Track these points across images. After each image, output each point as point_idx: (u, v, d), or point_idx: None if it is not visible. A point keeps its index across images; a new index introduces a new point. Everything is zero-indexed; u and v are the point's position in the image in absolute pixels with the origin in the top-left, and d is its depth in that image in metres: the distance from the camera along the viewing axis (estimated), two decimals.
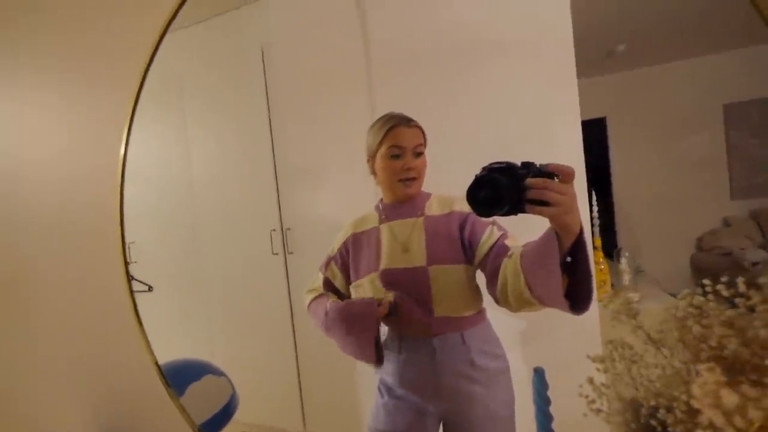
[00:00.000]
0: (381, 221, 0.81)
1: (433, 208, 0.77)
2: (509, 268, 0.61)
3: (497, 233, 0.69)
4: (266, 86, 1.10)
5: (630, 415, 0.32)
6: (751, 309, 0.29)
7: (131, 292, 0.64)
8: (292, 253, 1.14)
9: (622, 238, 1.12)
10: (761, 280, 0.28)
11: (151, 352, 0.62)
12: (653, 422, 0.31)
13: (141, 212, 1.04)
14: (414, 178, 0.76)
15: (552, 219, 0.49)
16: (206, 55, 1.15)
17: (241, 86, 1.17)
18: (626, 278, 0.98)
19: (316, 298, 0.87)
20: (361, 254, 0.81)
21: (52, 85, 0.95)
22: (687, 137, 1.22)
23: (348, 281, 0.84)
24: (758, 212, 1.16)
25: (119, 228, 0.75)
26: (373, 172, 0.82)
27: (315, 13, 1.04)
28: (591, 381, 0.35)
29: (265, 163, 1.15)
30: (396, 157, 0.75)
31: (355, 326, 0.77)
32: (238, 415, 0.87)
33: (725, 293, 0.29)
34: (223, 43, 1.14)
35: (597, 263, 0.98)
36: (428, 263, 0.71)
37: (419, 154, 0.77)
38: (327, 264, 0.88)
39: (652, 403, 0.30)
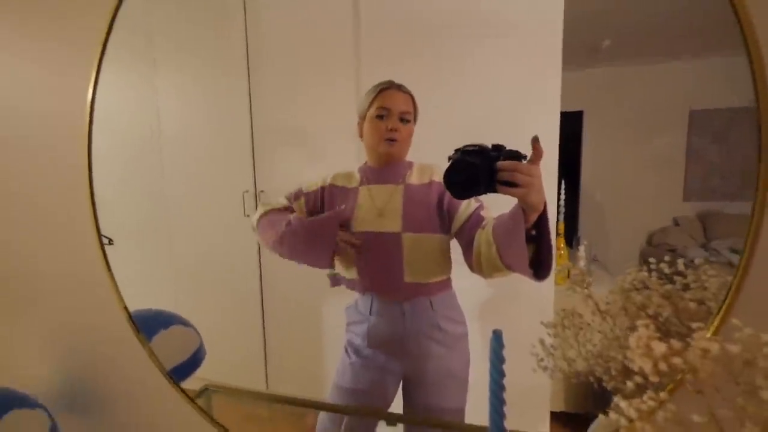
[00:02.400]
0: (361, 183, 0.81)
1: (413, 177, 0.79)
2: (483, 238, 0.65)
3: (474, 204, 0.72)
4: (247, 45, 1.05)
5: (571, 371, 0.36)
6: (686, 286, 0.33)
7: (101, 242, 0.62)
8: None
9: (584, 227, 1.19)
10: (697, 260, 0.32)
11: (121, 298, 0.60)
12: (591, 378, 0.35)
13: (103, 161, 0.99)
14: (396, 140, 0.77)
15: (520, 198, 0.53)
16: (184, 8, 1.07)
17: (220, 40, 1.11)
18: (582, 264, 1.04)
19: (272, 210, 0.86)
20: (332, 207, 0.82)
21: (14, 25, 0.86)
22: (653, 138, 1.29)
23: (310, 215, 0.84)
24: (705, 214, 1.26)
25: (87, 176, 0.70)
26: (361, 135, 0.82)
27: None
28: (542, 342, 0.39)
29: (241, 122, 1.11)
30: (381, 117, 0.76)
31: (318, 236, 0.78)
32: (201, 372, 0.88)
33: (666, 270, 0.33)
34: None
35: (558, 248, 1.03)
36: (403, 230, 0.73)
37: (406, 121, 0.77)
38: (296, 196, 0.87)
39: (592, 362, 0.34)
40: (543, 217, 0.56)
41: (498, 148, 0.54)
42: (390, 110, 0.75)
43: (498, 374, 0.40)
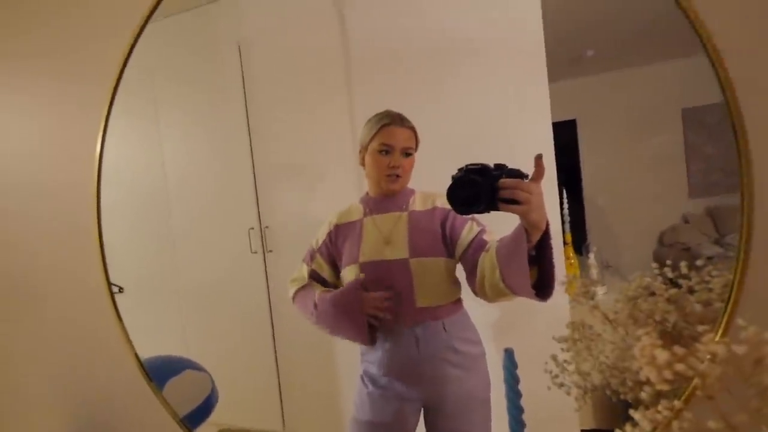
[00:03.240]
0: (365, 214, 0.83)
1: (416, 204, 0.80)
2: (486, 261, 0.66)
3: (476, 229, 0.72)
4: (243, 82, 1.10)
5: (588, 385, 0.35)
6: (691, 289, 0.32)
7: (111, 291, 0.63)
8: (271, 251, 1.13)
9: (592, 235, 1.17)
10: (698, 262, 0.31)
11: (132, 347, 0.60)
12: (608, 392, 0.34)
13: (112, 211, 1.02)
14: (399, 175, 0.79)
15: (521, 215, 0.54)
16: (180, 50, 1.13)
17: (217, 82, 1.16)
18: (594, 272, 1.02)
19: (300, 289, 0.88)
20: (345, 245, 0.82)
21: (24, 84, 0.91)
22: (649, 138, 1.30)
23: (336, 271, 0.85)
24: (713, 210, 1.24)
25: (96, 227, 0.72)
26: (362, 164, 0.84)
27: (293, 10, 1.04)
28: (554, 358, 0.38)
29: (242, 160, 1.14)
30: (385, 153, 0.78)
31: (346, 312, 0.78)
32: (216, 417, 0.86)
33: (670, 275, 0.32)
34: (198, 37, 1.13)
35: (568, 258, 1.02)
36: (410, 256, 0.73)
37: (408, 154, 0.79)
38: (312, 256, 0.88)
39: (607, 375, 0.33)
40: (545, 236, 0.57)
41: (500, 167, 0.56)
42: (392, 147, 0.77)
43: (515, 395, 0.39)
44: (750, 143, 0.48)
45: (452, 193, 0.56)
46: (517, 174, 0.55)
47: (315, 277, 0.88)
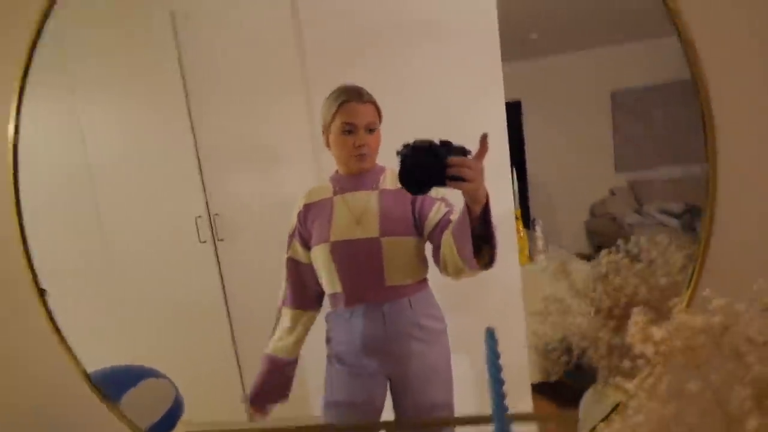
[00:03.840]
0: (335, 192, 0.81)
1: (387, 182, 0.79)
2: (446, 239, 0.68)
3: (444, 209, 0.73)
4: (179, 56, 0.98)
5: (563, 355, 0.39)
6: (652, 262, 0.37)
7: (43, 299, 0.53)
8: (222, 240, 1.06)
9: (535, 209, 1.27)
10: (659, 238, 0.36)
11: (77, 361, 0.52)
12: (581, 359, 0.38)
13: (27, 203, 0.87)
14: (367, 154, 0.77)
15: (467, 192, 0.57)
16: (102, 20, 0.97)
17: (147, 55, 1.02)
18: (540, 244, 1.11)
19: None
20: (314, 224, 0.80)
21: None
22: (583, 119, 1.42)
23: (308, 251, 0.83)
24: (634, 183, 1.41)
25: (17, 223, 0.60)
26: (327, 145, 0.81)
27: None
28: (534, 333, 0.42)
29: (183, 143, 1.03)
30: (348, 132, 0.75)
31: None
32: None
33: (634, 251, 0.36)
34: (122, 5, 0.97)
35: (518, 231, 1.08)
36: (381, 234, 0.73)
37: (372, 130, 0.77)
38: (289, 243, 0.86)
39: (581, 344, 0.37)
40: (486, 209, 0.60)
41: (446, 144, 0.58)
42: (355, 125, 0.75)
43: (496, 370, 0.41)
44: (716, 119, 0.54)
45: (405, 176, 0.57)
46: (462, 151, 0.57)
47: (291, 265, 0.86)
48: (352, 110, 0.75)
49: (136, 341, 1.04)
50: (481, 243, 0.62)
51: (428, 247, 0.79)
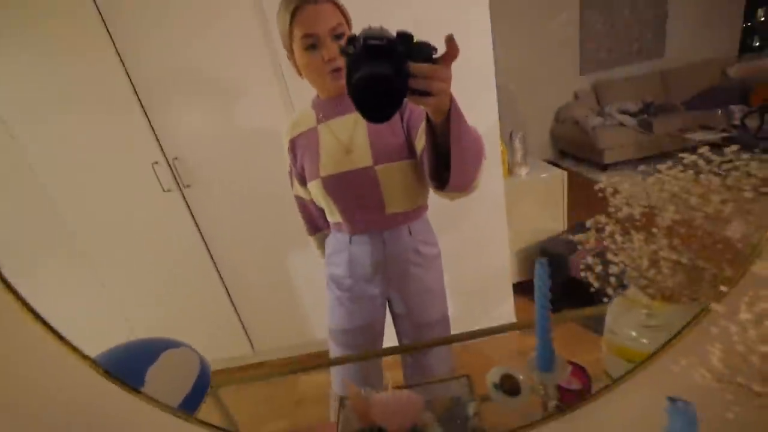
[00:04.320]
0: (318, 121, 0.70)
1: None
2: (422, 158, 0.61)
3: None
4: None
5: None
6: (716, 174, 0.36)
7: (8, 286, 0.43)
8: (189, 186, 0.96)
9: (505, 119, 1.27)
10: (727, 149, 0.35)
11: (80, 354, 0.45)
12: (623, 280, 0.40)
13: None
14: (341, 68, 0.62)
15: (431, 107, 0.47)
16: None
17: None
18: (519, 156, 1.13)
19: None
20: (304, 158, 0.72)
21: None
22: (550, 17, 1.36)
23: (304, 186, 0.77)
24: (597, 85, 1.43)
25: None
26: (298, 71, 0.67)
27: None
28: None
29: (114, 82, 0.85)
30: (312, 47, 0.61)
31: None
32: None
33: (700, 162, 0.35)
34: None
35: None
36: (375, 162, 0.66)
37: (341, 36, 0.62)
38: (291, 181, 0.80)
39: (644, 264, 0.39)
40: (449, 119, 0.48)
41: (405, 41, 0.42)
42: (318, 35, 0.60)
43: (544, 298, 0.44)
44: None
45: (360, 97, 0.41)
46: (427, 51, 0.42)
47: (298, 201, 0.82)
48: (308, 16, 0.60)
49: (125, 311, 0.98)
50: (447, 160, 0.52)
51: None
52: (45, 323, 0.48)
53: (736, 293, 0.35)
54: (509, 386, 0.49)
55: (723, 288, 0.36)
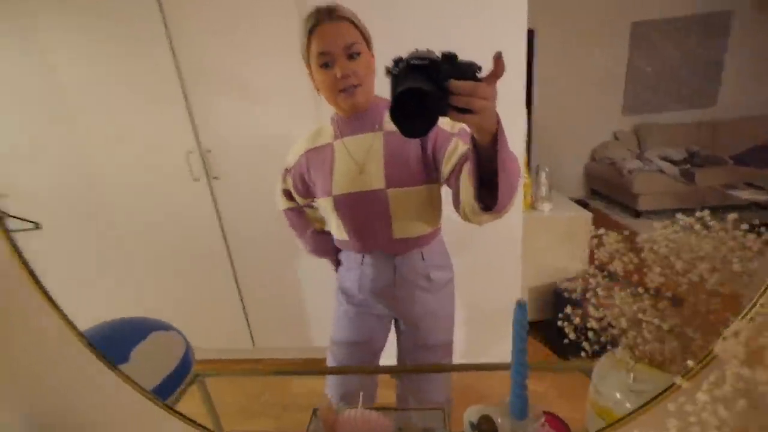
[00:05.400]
0: (335, 137, 0.70)
1: None
2: (462, 179, 0.59)
3: (463, 147, 0.62)
4: None
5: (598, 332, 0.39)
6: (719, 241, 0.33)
7: (24, 262, 0.47)
8: (217, 178, 1.01)
9: (538, 153, 1.24)
10: (730, 216, 0.32)
11: (72, 325, 0.48)
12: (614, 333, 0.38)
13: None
14: (355, 85, 0.62)
15: (473, 125, 0.46)
16: None
17: None
18: (543, 190, 1.10)
19: (290, 209, 0.81)
20: (317, 173, 0.72)
21: None
22: (597, 53, 1.32)
23: (304, 196, 0.76)
24: (640, 127, 1.37)
25: None
26: (316, 88, 0.68)
27: None
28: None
29: (165, 74, 0.92)
30: (326, 65, 0.61)
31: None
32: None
33: (696, 226, 0.33)
34: None
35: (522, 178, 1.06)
36: (387, 186, 0.66)
37: (355, 55, 0.61)
38: (284, 176, 0.78)
39: (623, 324, 0.37)
40: (496, 140, 0.48)
41: (450, 60, 0.43)
42: (331, 53, 0.60)
43: (521, 341, 0.42)
44: None
45: (397, 112, 0.42)
46: (471, 70, 0.43)
47: (288, 196, 0.80)
48: (324, 34, 0.60)
49: (135, 287, 1.04)
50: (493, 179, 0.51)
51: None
52: (45, 293, 0.51)
53: (707, 371, 0.32)
54: (486, 429, 0.47)
55: (690, 362, 0.33)
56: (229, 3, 0.89)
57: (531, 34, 1.27)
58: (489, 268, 1.04)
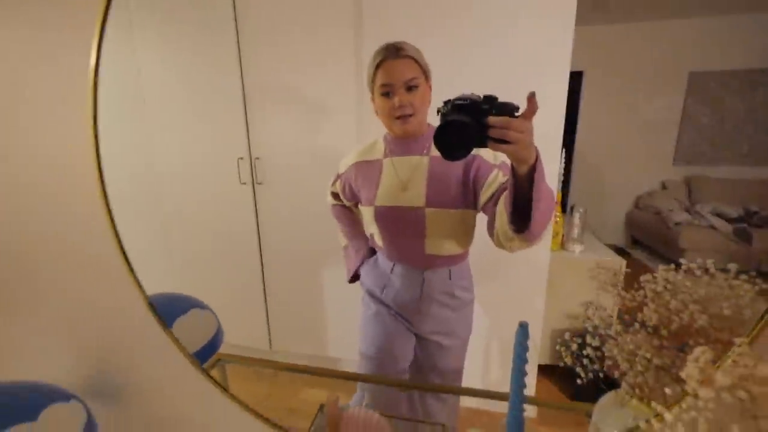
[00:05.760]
0: (385, 155, 0.79)
1: None
2: (499, 206, 0.64)
3: (502, 178, 0.68)
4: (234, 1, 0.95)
5: (595, 361, 0.39)
6: (715, 287, 0.34)
7: (114, 227, 0.57)
8: (261, 183, 1.09)
9: (575, 194, 1.21)
10: (730, 265, 0.33)
11: (140, 286, 0.58)
12: (608, 370, 0.38)
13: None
14: (409, 115, 0.72)
15: (510, 155, 0.53)
16: None
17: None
18: (576, 231, 1.07)
19: (335, 205, 0.92)
20: (364, 183, 0.80)
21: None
22: (650, 99, 1.29)
23: (350, 200, 0.85)
24: (691, 179, 1.30)
25: (95, 156, 0.62)
26: (376, 111, 0.77)
27: None
28: (566, 341, 0.42)
29: (231, 85, 1.03)
30: (387, 94, 0.71)
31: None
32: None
33: (697, 272, 0.34)
34: None
35: (554, 215, 1.05)
36: (426, 205, 0.72)
37: (413, 88, 0.71)
38: (334, 180, 0.89)
39: (612, 353, 0.37)
40: (535, 168, 0.54)
41: (490, 101, 0.52)
42: (393, 85, 0.70)
43: (521, 362, 0.42)
44: None
45: (440, 139, 0.51)
46: (509, 109, 0.51)
47: (336, 197, 0.90)
48: (388, 69, 0.70)
49: (172, 267, 1.12)
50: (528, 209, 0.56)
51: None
52: (129, 263, 0.59)
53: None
54: None
55: (667, 390, 0.32)
56: (296, 30, 0.98)
57: (579, 75, 1.28)
58: (511, 302, 1.02)
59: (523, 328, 0.43)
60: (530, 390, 1.01)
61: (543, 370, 1.04)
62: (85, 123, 0.61)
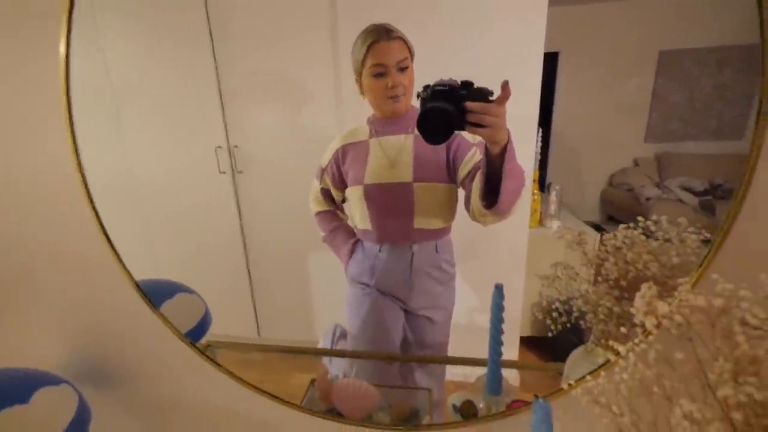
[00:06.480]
0: (371, 135, 0.82)
1: None
2: (475, 183, 0.70)
3: (479, 156, 0.72)
4: None
5: (563, 315, 0.42)
6: (666, 240, 0.37)
7: (97, 215, 0.57)
8: (241, 172, 1.08)
9: (552, 173, 1.24)
10: (680, 219, 0.36)
11: (126, 270, 0.59)
12: (575, 320, 0.42)
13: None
14: (401, 95, 0.76)
15: (486, 137, 0.58)
16: None
17: None
18: (552, 208, 1.11)
19: (320, 212, 0.94)
20: (351, 165, 0.83)
21: None
22: (623, 80, 1.33)
23: (339, 188, 0.87)
24: (661, 155, 1.35)
25: (73, 147, 0.61)
26: (362, 92, 0.80)
27: None
28: (539, 293, 0.45)
29: (204, 72, 1.01)
30: (380, 75, 0.74)
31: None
32: None
33: (653, 228, 0.37)
34: None
35: (532, 193, 1.08)
36: (414, 179, 0.76)
37: (404, 69, 0.75)
38: (320, 175, 0.91)
39: (583, 308, 0.40)
40: (506, 149, 0.59)
41: (467, 86, 0.56)
42: (386, 66, 0.73)
43: (498, 322, 0.45)
44: None
45: (423, 124, 0.56)
46: (485, 94, 0.55)
47: (326, 194, 0.91)
48: (380, 50, 0.73)
49: (153, 259, 1.11)
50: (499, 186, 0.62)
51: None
52: (114, 249, 0.59)
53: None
54: (467, 410, 0.49)
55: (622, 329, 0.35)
56: (269, 14, 0.97)
57: (555, 56, 1.30)
58: (492, 279, 1.05)
59: (498, 290, 0.45)
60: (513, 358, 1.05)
61: (525, 341, 1.07)
62: (63, 127, 0.60)
